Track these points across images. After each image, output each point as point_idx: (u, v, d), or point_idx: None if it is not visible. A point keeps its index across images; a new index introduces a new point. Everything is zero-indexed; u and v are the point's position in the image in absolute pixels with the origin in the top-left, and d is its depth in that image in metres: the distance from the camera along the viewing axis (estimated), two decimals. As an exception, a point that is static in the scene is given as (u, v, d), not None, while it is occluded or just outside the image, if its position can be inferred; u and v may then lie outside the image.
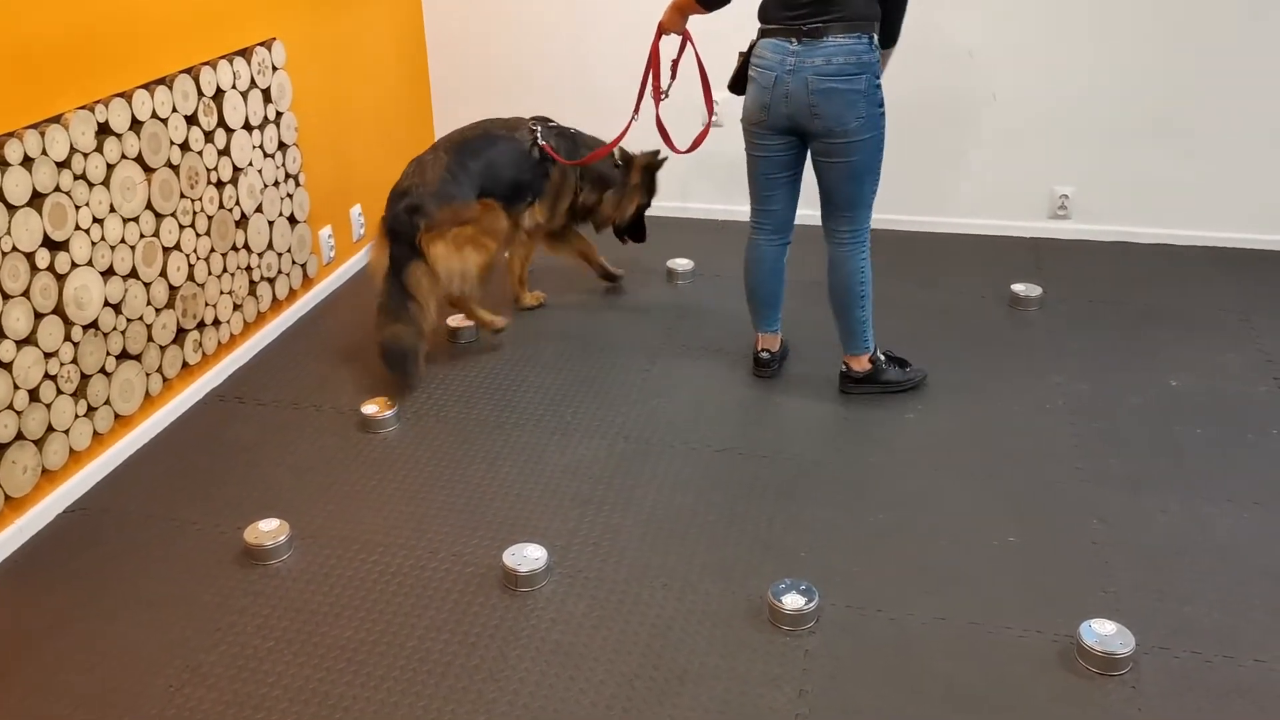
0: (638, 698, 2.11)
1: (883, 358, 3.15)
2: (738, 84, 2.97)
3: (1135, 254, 4.08)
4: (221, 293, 3.23)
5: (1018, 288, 3.71)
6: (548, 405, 3.15)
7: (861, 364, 3.13)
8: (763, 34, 2.86)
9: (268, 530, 2.54)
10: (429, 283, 3.20)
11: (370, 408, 3.04)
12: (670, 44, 3.16)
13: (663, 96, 3.19)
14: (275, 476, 2.83)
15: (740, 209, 4.35)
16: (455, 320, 3.54)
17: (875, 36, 2.78)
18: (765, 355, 3.26)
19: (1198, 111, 3.93)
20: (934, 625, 2.28)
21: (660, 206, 4.50)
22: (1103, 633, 2.17)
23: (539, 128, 3.51)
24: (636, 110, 3.26)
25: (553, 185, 3.57)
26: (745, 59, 2.93)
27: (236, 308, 3.31)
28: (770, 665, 2.19)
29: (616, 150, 3.64)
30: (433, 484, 2.79)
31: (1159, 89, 3.94)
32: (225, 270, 3.23)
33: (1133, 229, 4.15)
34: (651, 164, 3.76)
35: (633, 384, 3.26)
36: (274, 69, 3.38)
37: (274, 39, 3.38)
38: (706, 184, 4.44)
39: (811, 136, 2.87)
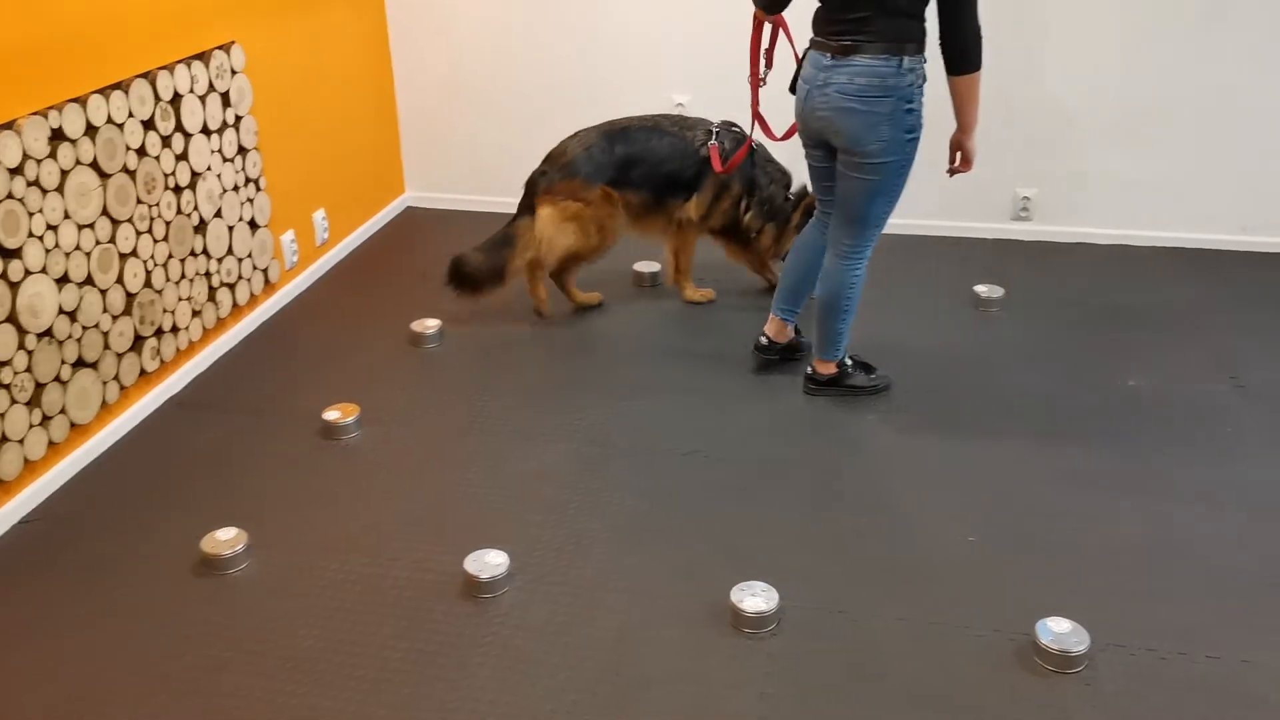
0: (600, 704, 2.11)
1: (849, 362, 3.16)
2: (795, 85, 2.97)
3: (1094, 254, 4.12)
4: (180, 299, 3.19)
5: (980, 289, 3.74)
6: (512, 410, 3.14)
7: (828, 368, 3.15)
8: (810, 44, 2.85)
9: (225, 539, 2.52)
10: (529, 237, 3.52)
11: (332, 414, 3.02)
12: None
13: (761, 84, 3.11)
14: (235, 485, 2.81)
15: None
16: (418, 325, 3.52)
17: (909, 60, 2.69)
18: (763, 340, 3.27)
19: (1154, 114, 3.98)
20: (895, 626, 2.30)
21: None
22: (1058, 631, 2.20)
23: (718, 129, 3.55)
24: (755, 103, 3.15)
25: (712, 182, 3.59)
26: (800, 64, 2.92)
27: (196, 314, 3.28)
28: (733, 669, 2.19)
29: (795, 185, 3.68)
30: (395, 491, 2.78)
31: (1116, 92, 3.99)
32: (184, 276, 3.20)
33: (1092, 229, 4.20)
34: (813, 206, 3.71)
35: (598, 388, 3.26)
36: (233, 72, 3.35)
37: (233, 42, 3.35)
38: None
39: (836, 149, 2.86)
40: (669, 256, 3.79)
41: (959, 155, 2.88)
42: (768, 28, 3.02)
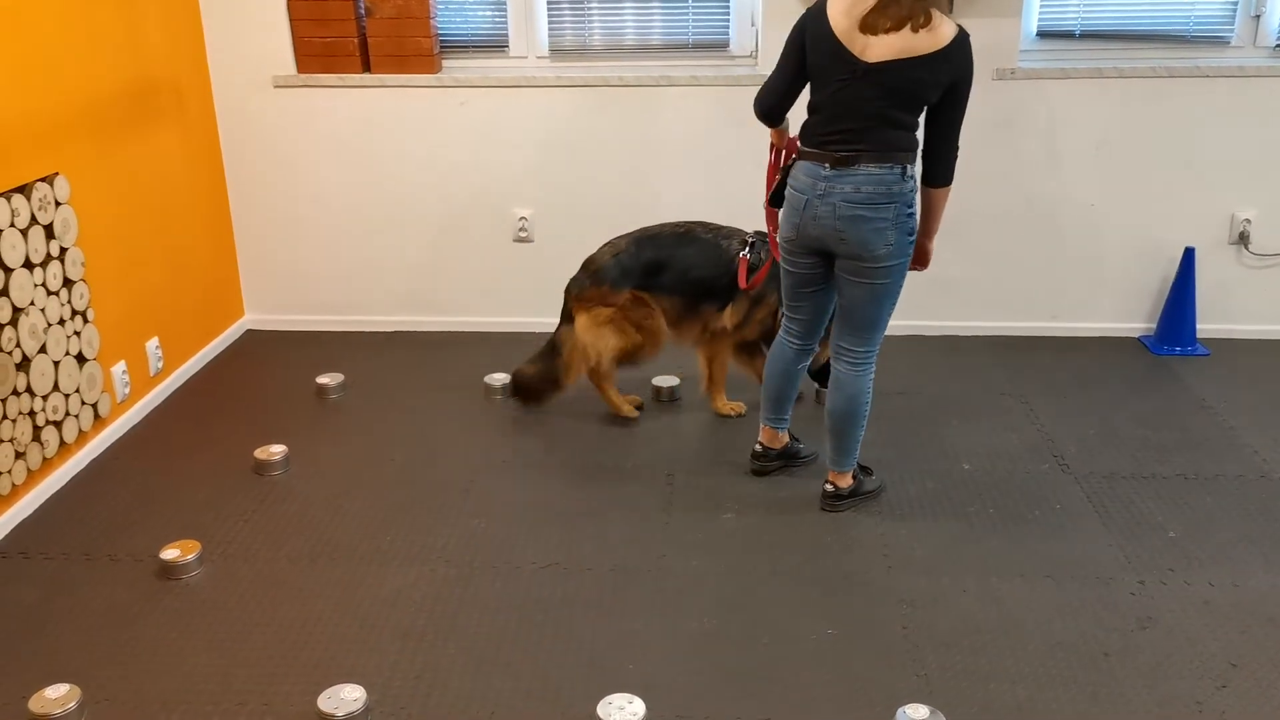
0: (465, 839, 2.03)
1: (857, 469, 3.17)
2: (777, 198, 3.01)
3: (925, 346, 4.36)
4: (1, 441, 3.01)
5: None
6: (364, 535, 3.06)
7: (846, 480, 3.14)
8: (800, 155, 2.88)
9: (55, 697, 2.35)
10: (572, 342, 3.63)
11: (171, 553, 2.88)
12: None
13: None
14: (64, 637, 2.63)
15: (552, 321, 4.44)
16: (262, 452, 3.42)
17: (909, 167, 2.78)
18: (758, 448, 3.30)
19: (971, 218, 4.28)
20: (759, 727, 2.32)
21: (472, 321, 4.55)
22: (916, 718, 2.26)
23: (753, 240, 3.51)
24: (770, 223, 3.17)
25: (749, 294, 3.55)
26: (784, 175, 2.96)
27: (19, 456, 3.10)
28: (600, 787, 2.16)
29: None
30: (241, 630, 2.65)
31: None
32: (5, 417, 3.02)
33: (922, 323, 4.44)
34: None
35: (452, 506, 3.21)
36: (57, 204, 3.24)
37: (56, 174, 3.25)
38: (516, 297, 4.50)
39: (839, 257, 2.87)
40: (703, 365, 3.76)
41: (920, 256, 2.99)
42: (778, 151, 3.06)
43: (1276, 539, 2.98)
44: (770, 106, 2.93)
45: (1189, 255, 4.21)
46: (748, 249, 3.50)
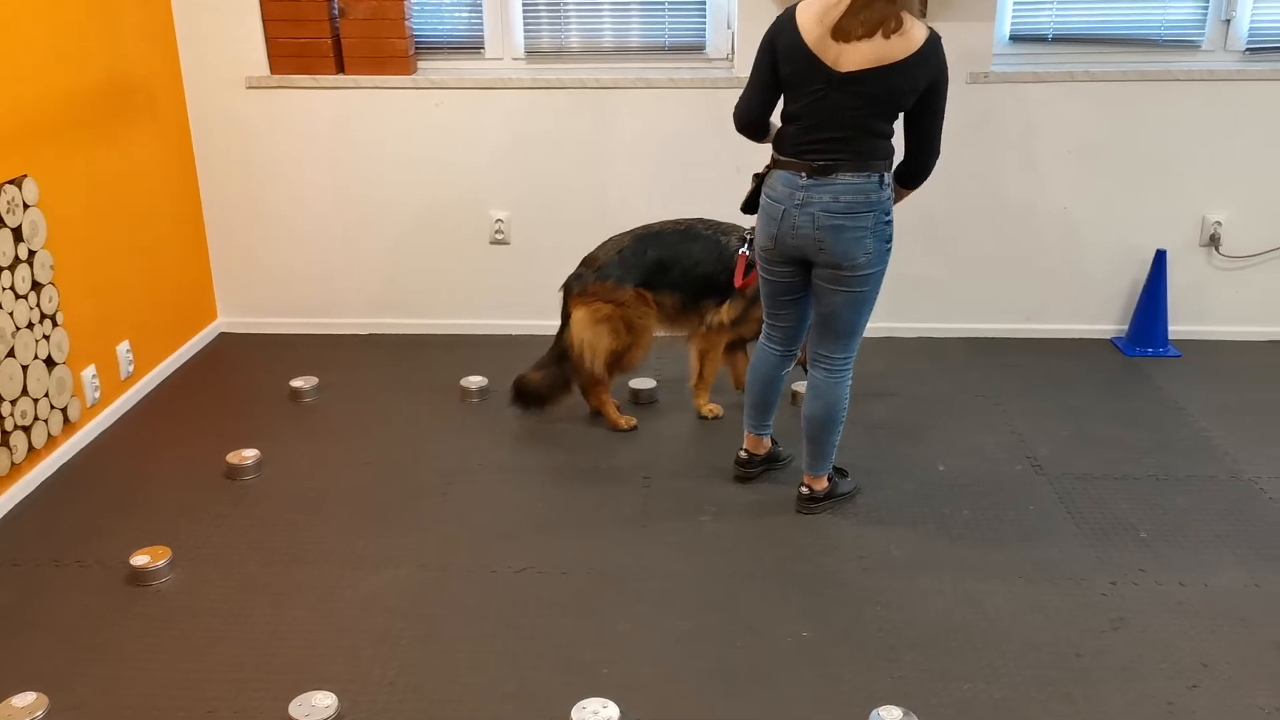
0: (439, 845, 2.02)
1: (833, 472, 3.18)
2: (750, 205, 3.01)
3: (899, 347, 4.38)
4: (-33, 446, 2.98)
5: (796, 386, 3.90)
6: (340, 538, 3.04)
7: (822, 484, 3.14)
8: (775, 164, 2.86)
9: (22, 706, 2.32)
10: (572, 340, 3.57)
11: (141, 559, 2.85)
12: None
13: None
14: (32, 645, 2.59)
15: (528, 323, 4.45)
16: (235, 457, 3.39)
17: (886, 175, 2.79)
18: (743, 455, 3.29)
19: (945, 219, 4.31)
20: (735, 730, 2.31)
21: (448, 323, 4.53)
22: (889, 719, 2.27)
23: (750, 237, 3.45)
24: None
25: (745, 292, 3.53)
26: (759, 183, 2.95)
27: (-14, 461, 3.07)
28: (576, 792, 2.15)
29: None
30: (212, 636, 2.62)
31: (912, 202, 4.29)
32: (-29, 421, 2.99)
33: (896, 324, 4.46)
34: None
35: (429, 509, 3.20)
36: (25, 206, 3.20)
37: (25, 176, 3.21)
38: (493, 299, 4.48)
39: (817, 265, 2.87)
40: (694, 361, 3.74)
41: None
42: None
43: (1247, 539, 3.01)
44: (749, 121, 2.92)
45: (1160, 257, 4.25)
46: (746, 245, 3.49)
